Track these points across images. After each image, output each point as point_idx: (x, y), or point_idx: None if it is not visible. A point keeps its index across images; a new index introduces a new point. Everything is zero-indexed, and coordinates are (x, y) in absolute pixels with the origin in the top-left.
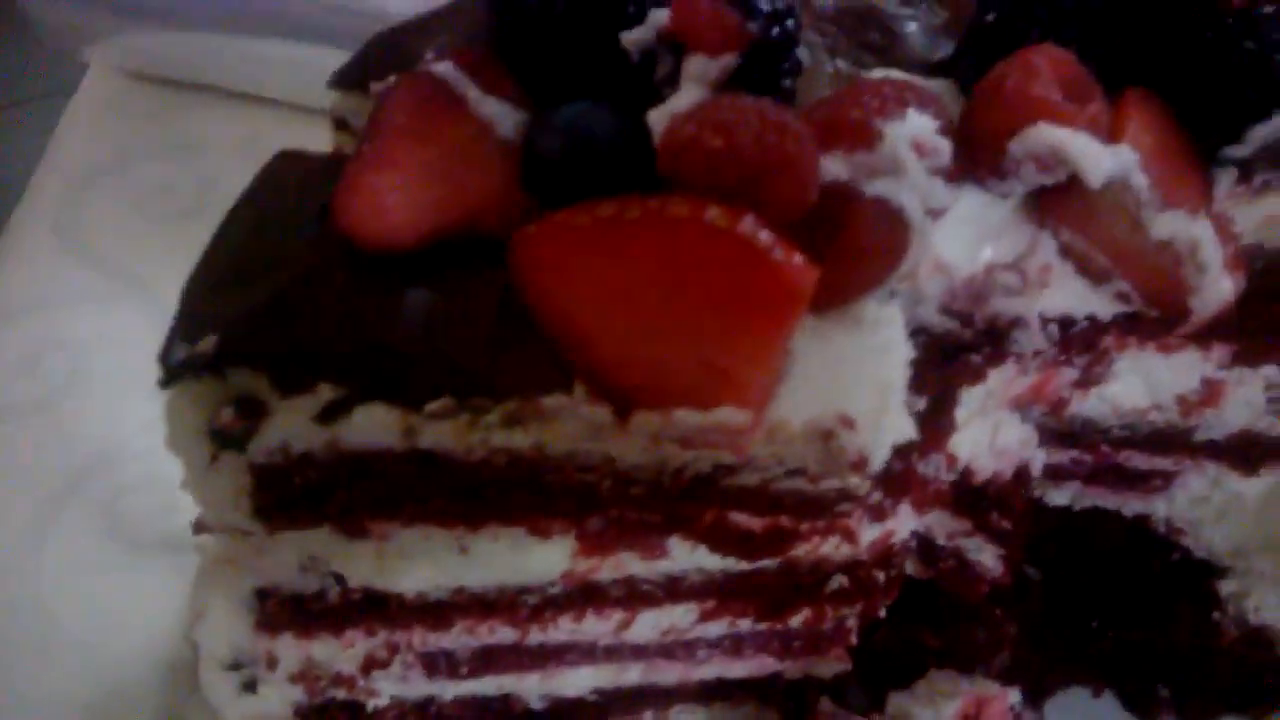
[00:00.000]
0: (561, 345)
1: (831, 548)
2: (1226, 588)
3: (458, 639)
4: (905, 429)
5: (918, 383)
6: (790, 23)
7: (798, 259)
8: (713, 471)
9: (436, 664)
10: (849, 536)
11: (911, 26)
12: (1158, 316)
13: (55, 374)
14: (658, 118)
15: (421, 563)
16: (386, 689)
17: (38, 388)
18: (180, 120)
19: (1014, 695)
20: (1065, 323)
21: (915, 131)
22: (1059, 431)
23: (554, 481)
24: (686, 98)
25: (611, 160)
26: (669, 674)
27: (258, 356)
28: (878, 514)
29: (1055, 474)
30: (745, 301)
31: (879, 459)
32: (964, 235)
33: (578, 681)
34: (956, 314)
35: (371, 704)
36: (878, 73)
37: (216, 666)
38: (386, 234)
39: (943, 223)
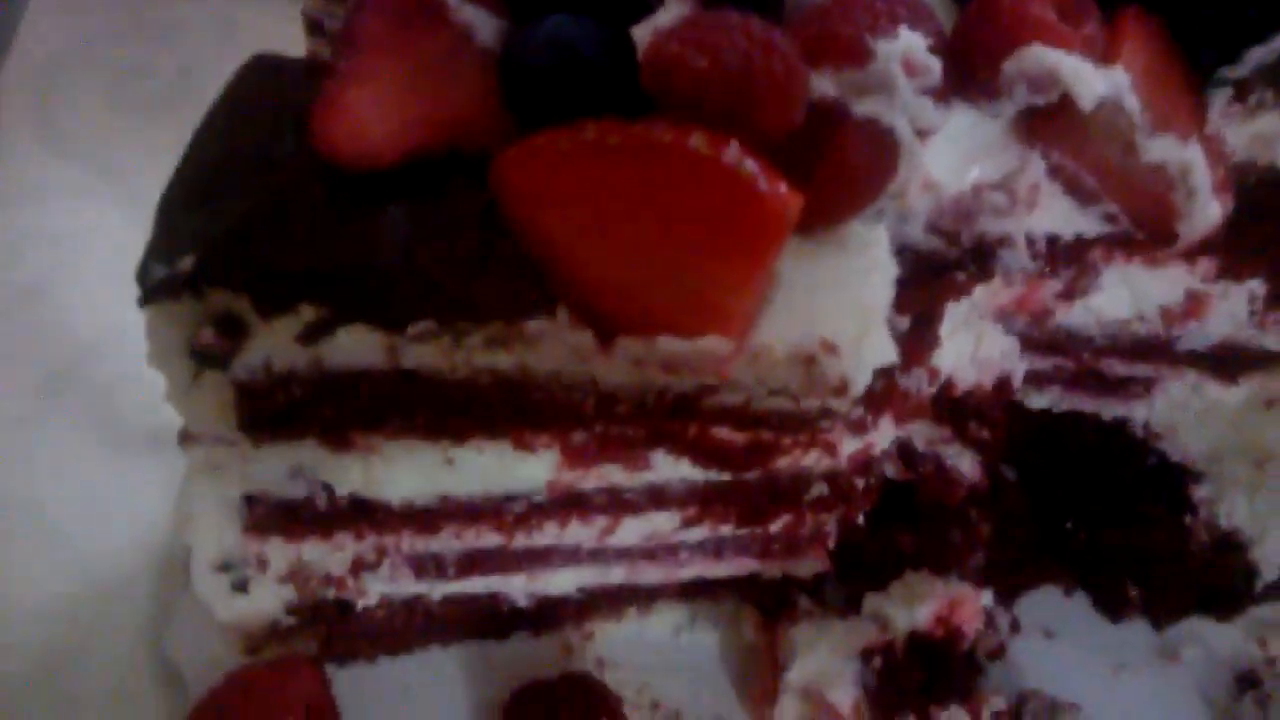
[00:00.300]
0: (544, 267)
1: (813, 460)
2: (1200, 493)
3: (445, 543)
4: (887, 352)
5: (902, 302)
6: None
7: (783, 187)
8: (696, 391)
9: (425, 566)
10: (830, 450)
11: None
12: (1144, 238)
13: (38, 267)
14: (642, 34)
15: (407, 473)
16: (375, 589)
17: (20, 279)
18: (154, 3)
19: (986, 597)
20: (1051, 240)
21: (907, 49)
22: (1041, 341)
23: (538, 399)
24: (673, 11)
25: (594, 76)
26: (652, 574)
27: (237, 277)
28: (859, 427)
29: (1037, 379)
30: (729, 231)
31: (861, 383)
32: (953, 154)
33: (563, 582)
34: (943, 233)
35: (361, 603)
36: None
37: (207, 568)
38: (367, 153)
39: (932, 141)
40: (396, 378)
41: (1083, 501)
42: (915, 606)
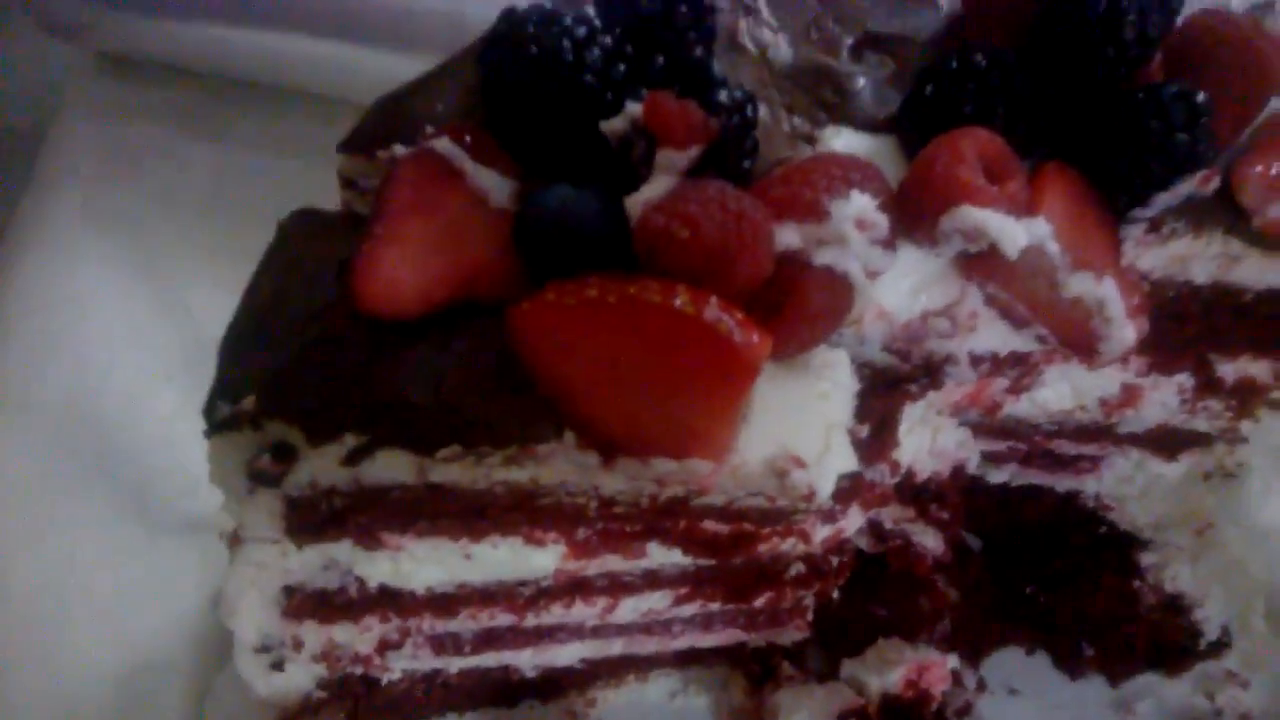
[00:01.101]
0: (553, 399)
1: (790, 545)
2: (1147, 559)
3: (462, 624)
4: (849, 461)
5: (862, 411)
6: (749, 110)
7: (755, 337)
8: (685, 495)
9: (444, 644)
10: (804, 537)
11: (861, 83)
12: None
13: (78, 366)
14: (633, 204)
15: (431, 566)
16: (399, 665)
17: (61, 378)
18: (194, 111)
19: (952, 660)
20: (991, 357)
21: (858, 210)
22: (994, 428)
23: (547, 504)
24: (658, 186)
25: (594, 240)
26: (648, 646)
27: (291, 412)
28: (830, 517)
29: (994, 458)
30: (710, 374)
31: (826, 490)
32: (902, 286)
33: (567, 654)
34: (896, 352)
35: (385, 678)
36: (830, 130)
37: (248, 650)
38: (399, 307)
39: (883, 276)
40: (424, 490)
41: (1040, 568)
42: (887, 672)
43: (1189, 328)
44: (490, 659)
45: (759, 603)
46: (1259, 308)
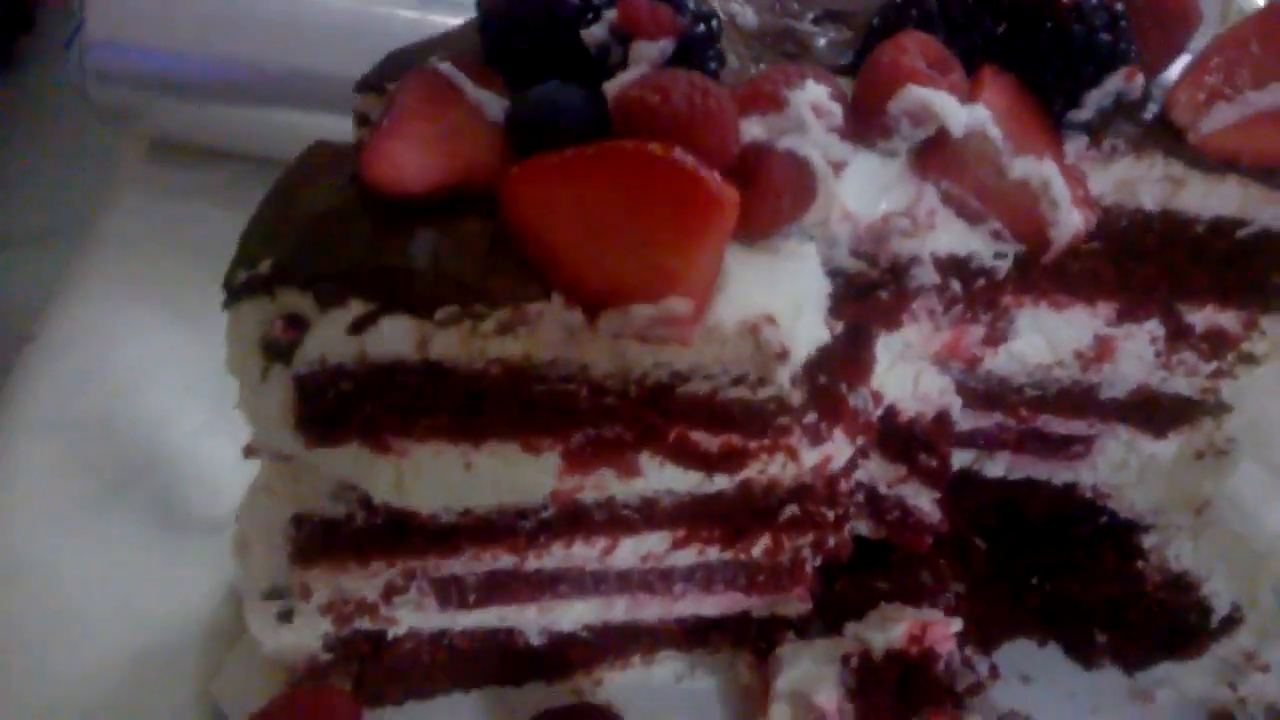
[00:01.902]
0: (541, 264)
1: (779, 468)
2: (1149, 540)
3: (465, 565)
4: (819, 330)
5: (836, 310)
6: (714, 23)
7: (718, 176)
8: (670, 380)
9: (448, 592)
10: (792, 455)
11: (820, 41)
12: (1027, 251)
13: (108, 390)
14: (611, 88)
15: (433, 481)
16: (405, 617)
17: (99, 399)
18: (227, 186)
19: (956, 624)
20: (953, 262)
21: (813, 97)
22: (979, 392)
23: (540, 394)
24: (634, 73)
25: (576, 120)
26: (650, 609)
27: (302, 278)
28: (815, 437)
29: (987, 442)
30: (680, 210)
31: (798, 351)
32: (864, 191)
33: (571, 615)
34: (864, 255)
35: (391, 632)
36: None
37: (257, 595)
38: (401, 184)
39: (846, 182)
40: (425, 371)
41: (1045, 559)
42: (890, 628)
43: (1149, 267)
44: (494, 616)
45: (757, 552)
46: (1212, 243)
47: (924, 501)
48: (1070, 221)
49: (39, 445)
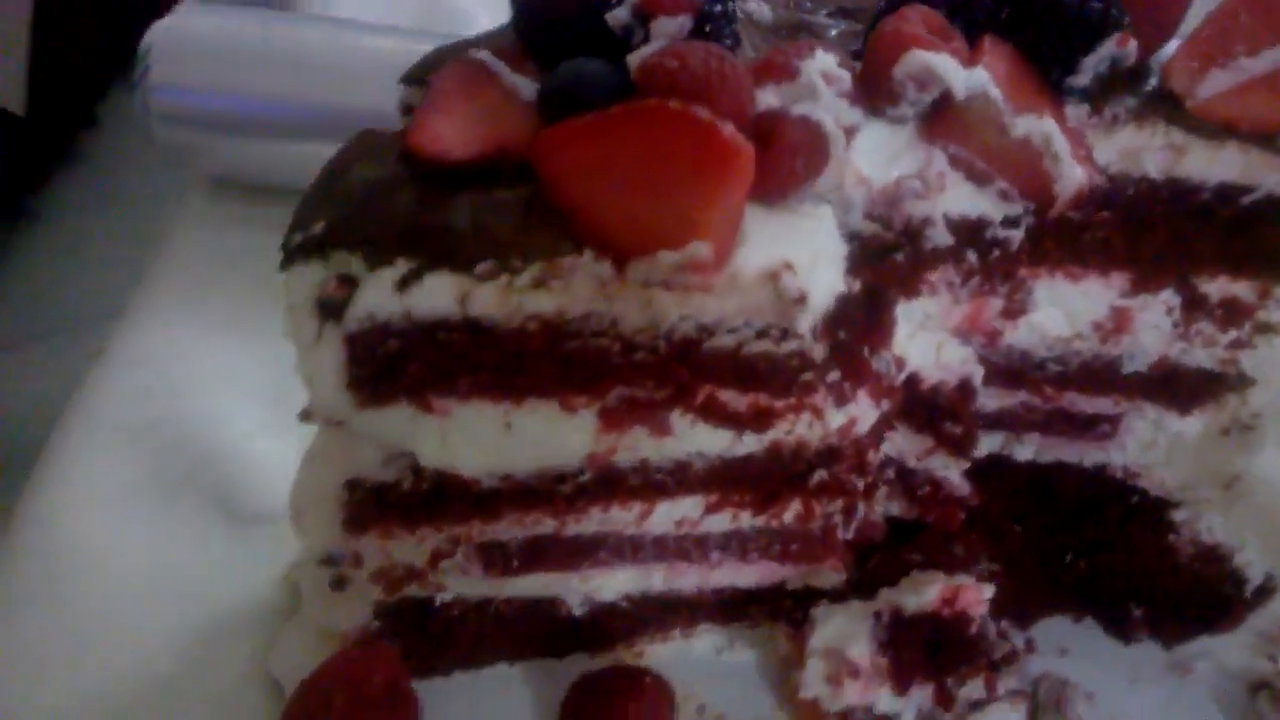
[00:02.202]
0: (572, 219)
1: (806, 428)
2: (1180, 515)
3: (508, 530)
4: (836, 282)
5: (853, 272)
6: (731, 3)
7: (739, 135)
8: (696, 334)
9: (492, 557)
10: (818, 414)
11: (832, 33)
12: (1035, 212)
13: (176, 395)
14: (634, 59)
15: (475, 442)
16: (451, 583)
17: (163, 405)
18: (280, 220)
19: (988, 590)
20: (965, 224)
21: (823, 65)
22: (1002, 368)
23: (574, 351)
24: (654, 46)
25: (602, 89)
26: (688, 578)
27: (353, 239)
28: (840, 397)
29: (1014, 423)
30: (699, 161)
31: (817, 298)
32: (876, 157)
33: (611, 585)
34: (879, 218)
35: (439, 599)
36: None
37: (313, 562)
38: (443, 152)
39: (858, 149)
40: (466, 328)
41: (1078, 537)
42: (923, 591)
43: (1159, 236)
44: (537, 584)
45: (788, 518)
46: (1219, 210)
47: (953, 474)
48: (1073, 176)
49: (106, 446)
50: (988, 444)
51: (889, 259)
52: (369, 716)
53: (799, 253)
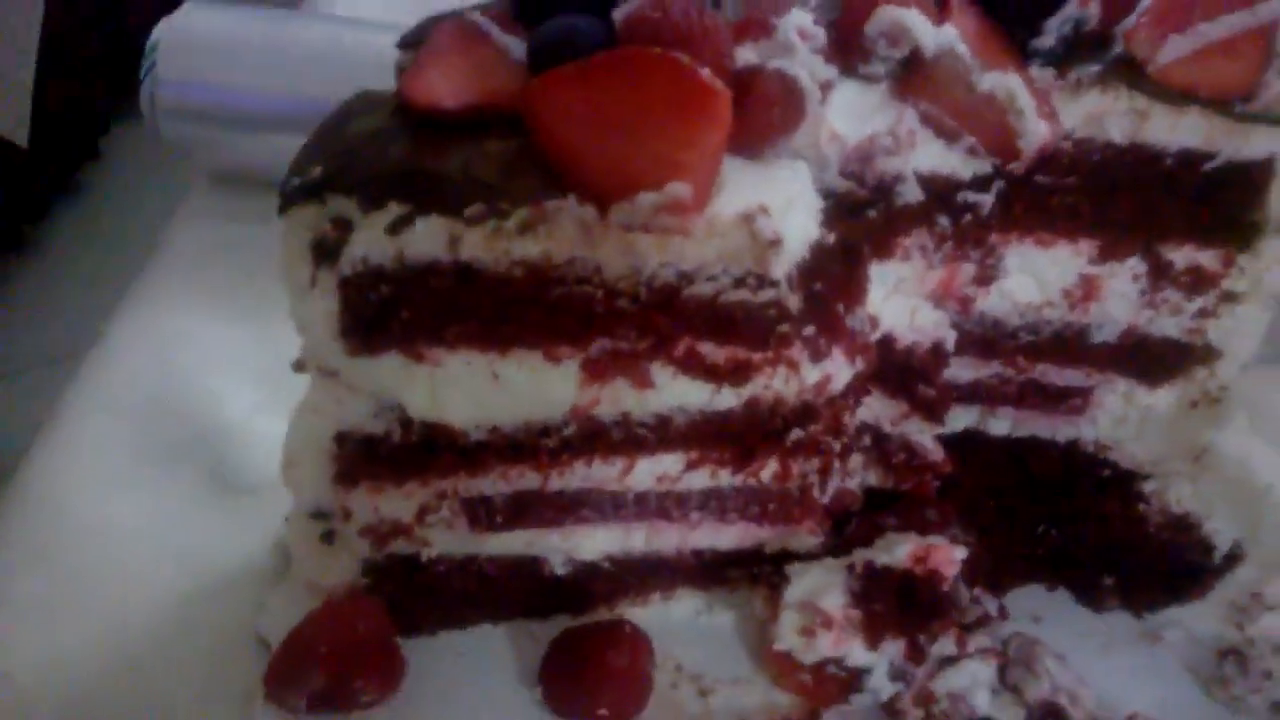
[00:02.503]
0: (559, 164)
1: (782, 382)
2: (1149, 486)
3: (493, 484)
4: (811, 228)
5: (828, 223)
6: None
7: (717, 79)
8: (676, 281)
9: (477, 512)
10: (794, 368)
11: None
12: (1001, 164)
13: (174, 376)
14: (619, 13)
15: (463, 393)
16: (437, 539)
17: (161, 384)
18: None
19: (960, 551)
20: (936, 181)
21: (799, 22)
22: (976, 336)
23: (560, 298)
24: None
25: (588, 40)
26: (668, 537)
27: (348, 183)
28: (815, 352)
29: (989, 396)
30: (679, 104)
31: (792, 242)
32: (850, 116)
33: (593, 543)
34: (852, 175)
35: (425, 554)
36: None
37: (303, 515)
38: (436, 101)
39: (833, 108)
40: (456, 273)
41: (1051, 509)
42: (895, 550)
43: (1125, 203)
44: (521, 541)
45: (766, 477)
46: (1182, 176)
47: (926, 439)
48: (1037, 131)
49: (104, 422)
50: (964, 418)
51: (862, 215)
52: (354, 666)
53: (774, 198)
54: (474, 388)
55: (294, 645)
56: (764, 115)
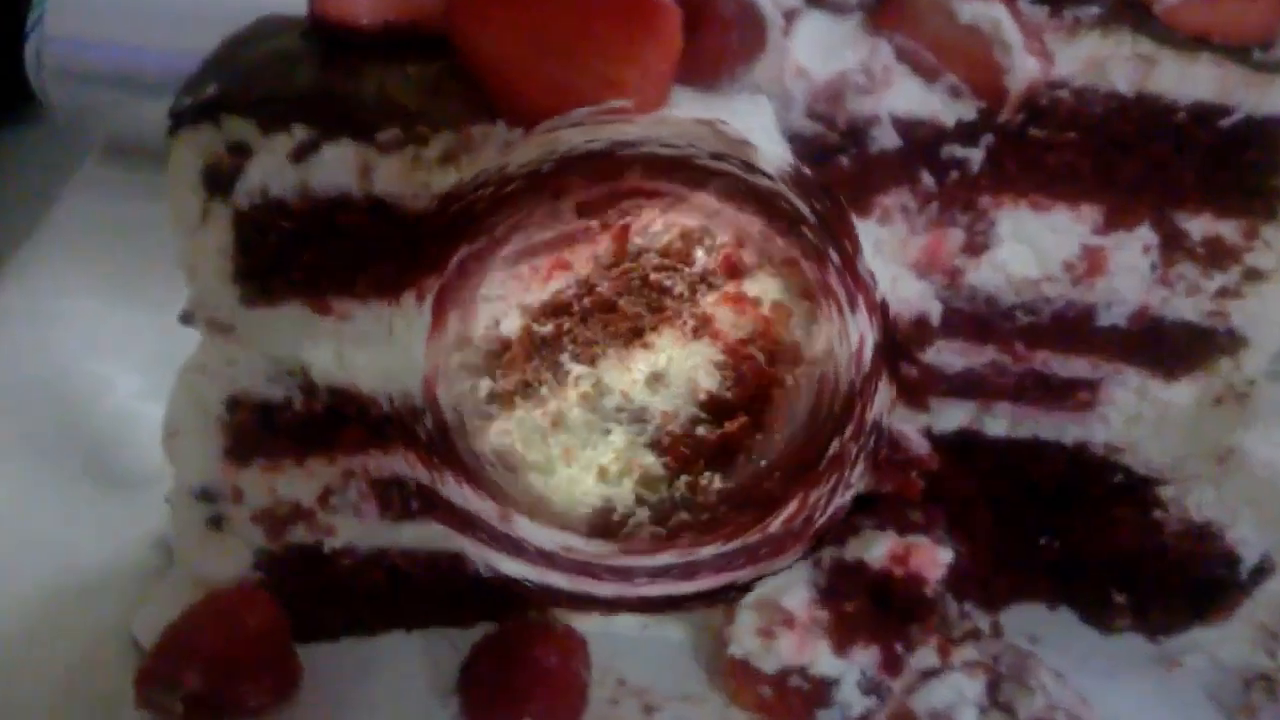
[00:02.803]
0: (486, 87)
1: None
2: (1167, 491)
3: (404, 465)
4: (783, 154)
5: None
6: None
7: None
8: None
9: (388, 496)
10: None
11: None
12: (987, 108)
13: (54, 359)
14: None
15: (373, 353)
16: (343, 527)
17: (38, 368)
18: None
19: (946, 554)
20: (914, 127)
21: None
22: (966, 314)
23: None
24: None
25: None
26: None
27: (246, 103)
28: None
29: (983, 388)
30: (623, 18)
31: (767, 151)
32: (818, 50)
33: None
34: (821, 116)
35: (328, 545)
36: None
37: (187, 495)
38: (349, 17)
39: (799, 40)
40: (367, 209)
41: (1054, 517)
42: (870, 549)
43: (1132, 162)
44: (439, 532)
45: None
46: (1196, 134)
47: (910, 429)
48: (1025, 67)
49: None
50: (956, 416)
51: (834, 162)
52: (240, 666)
53: (736, 118)
54: (378, 353)
55: (170, 642)
56: (718, 40)
